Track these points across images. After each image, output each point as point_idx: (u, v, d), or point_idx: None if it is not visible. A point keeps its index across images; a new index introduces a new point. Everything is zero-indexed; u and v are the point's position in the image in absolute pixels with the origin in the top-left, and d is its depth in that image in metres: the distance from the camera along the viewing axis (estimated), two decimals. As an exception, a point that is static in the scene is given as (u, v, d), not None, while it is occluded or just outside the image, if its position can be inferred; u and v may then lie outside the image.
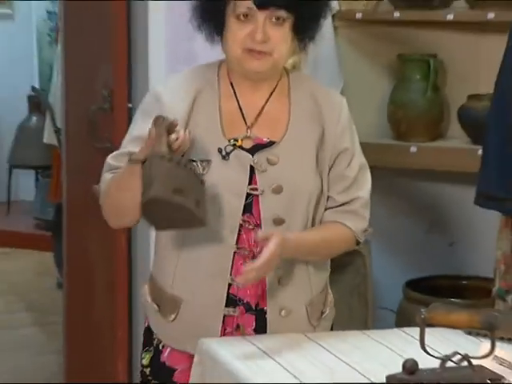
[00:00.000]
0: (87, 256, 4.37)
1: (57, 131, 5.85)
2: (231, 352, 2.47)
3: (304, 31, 2.59)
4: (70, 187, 4.56)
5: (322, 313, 2.72)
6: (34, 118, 7.51)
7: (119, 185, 2.55)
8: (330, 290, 2.77)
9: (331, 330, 2.77)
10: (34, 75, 8.00)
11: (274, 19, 2.52)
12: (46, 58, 7.91)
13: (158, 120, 2.43)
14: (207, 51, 2.74)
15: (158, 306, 2.67)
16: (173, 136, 2.43)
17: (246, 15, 2.52)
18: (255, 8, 2.50)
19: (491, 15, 3.85)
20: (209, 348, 2.52)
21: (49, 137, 6.25)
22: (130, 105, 4.06)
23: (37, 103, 7.46)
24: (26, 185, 7.82)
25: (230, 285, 2.59)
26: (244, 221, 2.58)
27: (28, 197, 7.70)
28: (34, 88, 7.63)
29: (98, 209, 4.36)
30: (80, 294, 4.48)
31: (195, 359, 2.57)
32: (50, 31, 7.95)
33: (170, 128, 2.43)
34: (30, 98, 7.64)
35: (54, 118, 6.05)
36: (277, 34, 2.53)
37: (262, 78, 2.62)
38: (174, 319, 2.63)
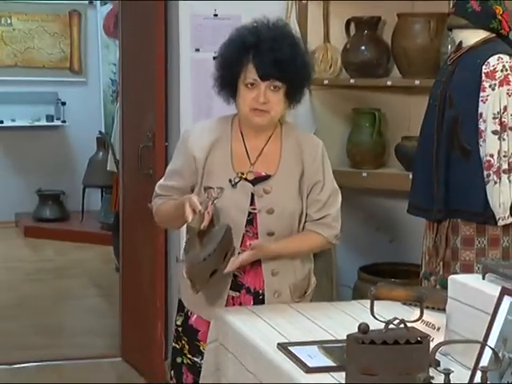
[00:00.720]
0: (136, 249, 4.35)
1: (116, 162, 5.81)
2: (237, 317, 2.44)
3: (293, 96, 2.58)
4: (125, 200, 4.54)
5: (305, 292, 2.68)
6: (101, 153, 7.48)
7: (167, 216, 2.64)
8: (313, 277, 2.72)
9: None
10: (101, 123, 7.98)
11: (272, 87, 2.51)
12: (109, 111, 7.90)
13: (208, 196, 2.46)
14: (221, 106, 2.71)
15: (191, 281, 2.62)
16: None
17: (252, 84, 2.51)
18: (259, 79, 2.49)
19: (417, 82, 3.84)
20: (222, 315, 2.50)
21: (110, 166, 6.22)
22: (166, 143, 4.05)
23: (102, 142, 7.44)
24: (94, 199, 7.79)
25: (235, 275, 2.57)
26: (246, 231, 2.56)
27: (96, 207, 7.67)
28: (100, 132, 7.62)
29: (144, 216, 4.34)
30: (131, 276, 4.45)
31: (212, 323, 2.53)
32: (112, 93, 7.94)
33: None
34: (97, 139, 7.62)
35: (114, 153, 6.02)
36: (274, 98, 2.52)
37: (262, 128, 2.59)
38: (198, 293, 2.58)
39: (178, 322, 2.69)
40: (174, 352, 2.72)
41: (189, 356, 2.65)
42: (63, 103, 7.96)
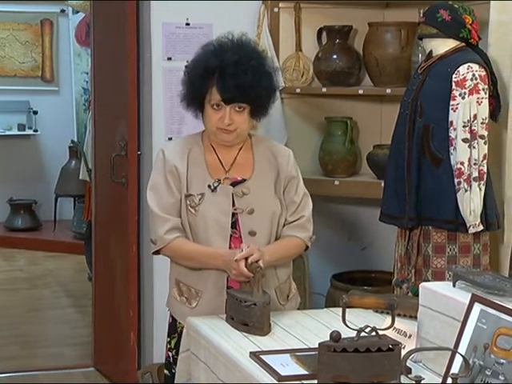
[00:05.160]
0: (109, 258, 4.32)
1: (88, 171, 5.78)
2: (209, 326, 2.44)
3: (257, 115, 2.64)
4: (97, 210, 4.51)
5: (288, 296, 2.71)
6: (73, 162, 7.43)
7: (195, 262, 2.57)
8: (293, 282, 2.76)
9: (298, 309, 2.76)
10: (73, 132, 7.94)
11: (236, 108, 2.56)
12: (81, 120, 7.86)
13: (257, 270, 2.42)
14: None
15: (186, 298, 2.62)
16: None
17: (217, 105, 2.55)
18: (223, 103, 2.54)
19: (388, 90, 3.86)
20: (193, 323, 2.49)
21: (83, 175, 6.18)
22: (139, 152, 4.03)
23: (75, 151, 7.40)
24: (67, 208, 7.73)
25: (227, 279, 2.58)
26: (232, 232, 2.58)
27: (68, 216, 7.61)
28: (72, 141, 7.57)
29: (116, 225, 4.33)
30: (104, 285, 4.42)
31: (184, 331, 2.53)
32: (84, 102, 7.91)
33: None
34: (70, 147, 7.57)
35: (86, 161, 5.99)
36: (239, 118, 2.57)
37: (230, 145, 2.64)
38: (196, 306, 2.60)
39: (172, 346, 2.68)
40: (167, 380, 2.69)
41: None
42: (35, 112, 7.91)
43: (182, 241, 2.58)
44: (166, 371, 2.71)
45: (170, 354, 2.68)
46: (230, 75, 2.50)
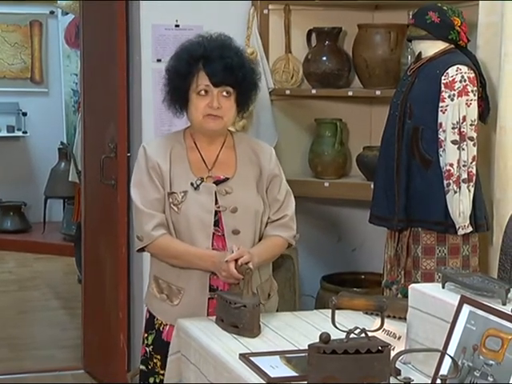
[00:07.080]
0: (98, 260, 4.32)
1: (78, 173, 5.77)
2: (199, 328, 2.44)
3: (243, 102, 2.65)
4: (87, 211, 4.51)
5: (269, 295, 2.71)
6: (63, 164, 7.42)
7: (182, 262, 2.56)
8: (274, 280, 2.77)
9: (277, 309, 2.75)
10: (63, 133, 7.92)
11: (224, 93, 2.57)
12: (70, 122, 7.84)
13: (247, 272, 2.43)
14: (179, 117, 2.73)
15: (166, 296, 2.62)
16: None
17: (205, 91, 2.57)
18: (211, 86, 2.55)
19: (378, 92, 3.87)
20: (183, 325, 2.49)
21: (72, 176, 6.18)
22: (128, 154, 4.03)
23: (64, 153, 7.39)
24: (56, 210, 7.71)
25: (209, 276, 2.58)
26: (215, 230, 2.58)
27: (58, 218, 7.59)
28: (62, 142, 7.56)
29: (106, 227, 4.32)
30: (93, 287, 4.42)
31: (174, 332, 2.53)
32: (73, 103, 7.89)
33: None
34: (59, 149, 7.56)
35: (76, 163, 5.98)
36: (226, 103, 2.58)
37: (216, 135, 2.64)
38: (178, 304, 2.59)
39: (149, 341, 2.67)
40: (143, 375, 2.69)
41: (161, 372, 2.61)
42: (24, 114, 7.89)
43: (169, 238, 2.58)
44: (142, 366, 2.69)
45: (147, 349, 2.67)
46: (216, 58, 2.55)
